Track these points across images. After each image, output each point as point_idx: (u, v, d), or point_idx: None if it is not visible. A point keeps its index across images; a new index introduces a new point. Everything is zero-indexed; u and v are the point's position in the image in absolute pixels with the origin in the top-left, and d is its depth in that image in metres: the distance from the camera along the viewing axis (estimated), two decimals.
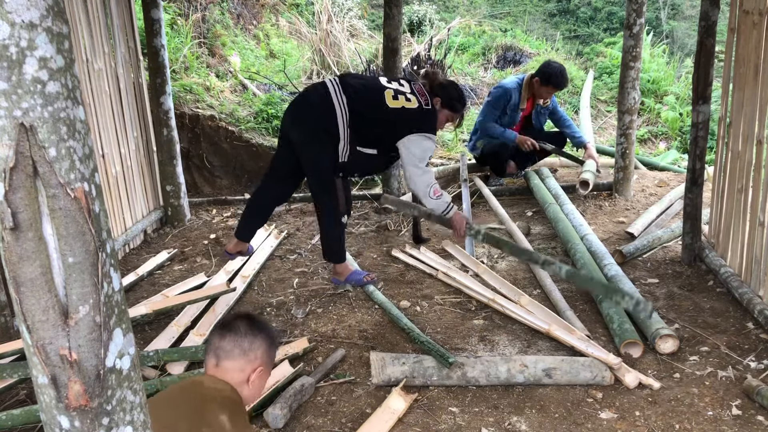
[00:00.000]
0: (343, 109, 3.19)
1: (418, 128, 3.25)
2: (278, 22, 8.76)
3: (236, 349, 1.70)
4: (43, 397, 1.25)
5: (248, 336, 1.72)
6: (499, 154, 5.01)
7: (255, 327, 1.76)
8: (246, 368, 1.71)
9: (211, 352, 1.73)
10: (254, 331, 1.74)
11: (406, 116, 3.24)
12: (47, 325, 1.20)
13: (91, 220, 1.22)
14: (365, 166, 3.39)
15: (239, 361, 1.70)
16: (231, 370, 1.70)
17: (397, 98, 3.26)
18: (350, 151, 3.25)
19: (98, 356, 1.25)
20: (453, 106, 3.39)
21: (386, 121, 3.24)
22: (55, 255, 1.19)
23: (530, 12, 13.74)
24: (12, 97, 1.11)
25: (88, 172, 1.23)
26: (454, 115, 3.45)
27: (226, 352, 1.70)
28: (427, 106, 3.30)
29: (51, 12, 1.13)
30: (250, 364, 1.71)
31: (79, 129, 1.22)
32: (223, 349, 1.70)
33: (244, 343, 1.71)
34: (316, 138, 3.22)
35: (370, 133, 3.27)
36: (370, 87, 3.30)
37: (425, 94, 3.33)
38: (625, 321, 2.85)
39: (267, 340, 1.76)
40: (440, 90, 3.36)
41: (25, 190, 1.15)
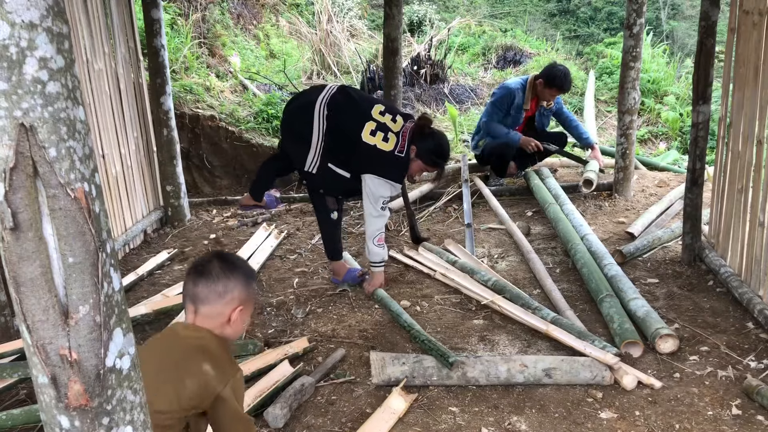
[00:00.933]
0: (321, 122, 3.17)
1: (381, 172, 3.17)
2: (278, 22, 8.76)
3: (211, 294, 1.67)
4: (43, 396, 1.25)
5: (221, 279, 1.68)
6: (503, 155, 5.00)
7: (227, 268, 1.70)
8: (225, 311, 1.68)
9: (187, 298, 1.69)
10: (227, 273, 1.69)
11: (375, 155, 3.15)
12: (47, 325, 1.20)
13: (91, 220, 1.22)
14: (333, 185, 3.31)
15: (217, 306, 1.67)
16: (210, 315, 1.67)
17: (374, 134, 3.16)
18: (320, 165, 3.21)
19: (98, 356, 1.25)
20: (426, 159, 3.23)
21: (357, 151, 3.17)
22: (55, 255, 1.19)
23: (530, 12, 13.74)
24: (12, 97, 1.11)
25: (88, 172, 1.23)
26: (429, 168, 3.30)
27: (202, 299, 1.67)
28: (400, 153, 3.18)
29: (51, 12, 1.13)
30: (228, 306, 1.68)
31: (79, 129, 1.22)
32: (198, 296, 1.67)
33: (219, 287, 1.67)
34: (295, 139, 3.27)
35: (342, 155, 3.20)
36: (356, 111, 3.21)
37: (405, 140, 3.20)
38: (625, 321, 2.86)
39: (242, 279, 1.71)
40: (419, 139, 3.21)
41: (25, 190, 1.15)
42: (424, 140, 3.22)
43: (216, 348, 1.67)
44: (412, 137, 3.21)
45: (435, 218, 4.64)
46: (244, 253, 4.01)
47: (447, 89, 7.81)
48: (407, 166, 3.24)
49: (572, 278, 3.55)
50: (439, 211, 4.78)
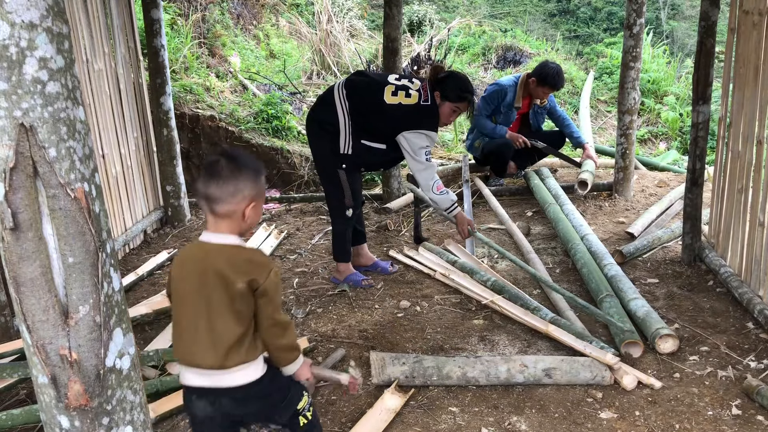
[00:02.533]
0: (343, 103, 3.27)
1: (413, 125, 3.24)
2: (278, 22, 8.76)
3: (224, 194, 1.74)
4: (43, 396, 1.25)
5: (231, 179, 1.74)
6: (502, 155, 5.00)
7: (235, 167, 1.76)
8: (238, 208, 1.76)
9: (202, 201, 1.77)
10: (235, 173, 1.75)
11: (402, 112, 3.25)
12: (47, 325, 1.20)
13: (91, 220, 1.22)
14: (372, 159, 3.40)
15: (230, 204, 1.75)
16: (226, 214, 1.76)
17: (396, 94, 3.27)
18: (354, 143, 3.29)
19: (98, 356, 1.26)
20: (452, 96, 3.30)
21: (385, 116, 3.26)
22: (55, 255, 1.19)
23: (530, 12, 13.75)
24: (12, 98, 1.11)
25: (88, 172, 1.23)
26: (459, 105, 3.34)
27: (215, 200, 1.75)
28: (426, 102, 3.28)
29: (51, 12, 1.13)
30: (241, 204, 1.76)
31: (79, 129, 1.22)
32: (211, 197, 1.75)
33: (229, 187, 1.74)
34: (315, 132, 3.38)
35: (372, 127, 3.30)
36: (373, 82, 3.34)
37: (426, 90, 3.32)
38: (625, 321, 2.85)
39: (251, 176, 1.77)
40: (438, 83, 3.32)
41: (25, 190, 1.15)
42: (444, 82, 3.31)
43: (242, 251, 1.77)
44: (432, 86, 3.32)
45: (435, 218, 4.64)
46: None
47: None
48: (437, 111, 3.31)
49: (572, 278, 3.55)
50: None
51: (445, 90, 3.30)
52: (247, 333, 1.74)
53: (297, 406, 1.88)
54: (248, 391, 1.77)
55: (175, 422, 2.41)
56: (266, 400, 1.82)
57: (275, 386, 1.83)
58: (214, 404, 1.77)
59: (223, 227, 1.78)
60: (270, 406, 1.85)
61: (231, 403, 1.78)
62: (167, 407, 2.42)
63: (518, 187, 5.09)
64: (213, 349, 1.70)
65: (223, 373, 1.72)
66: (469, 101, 3.34)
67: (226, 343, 1.70)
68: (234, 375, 1.73)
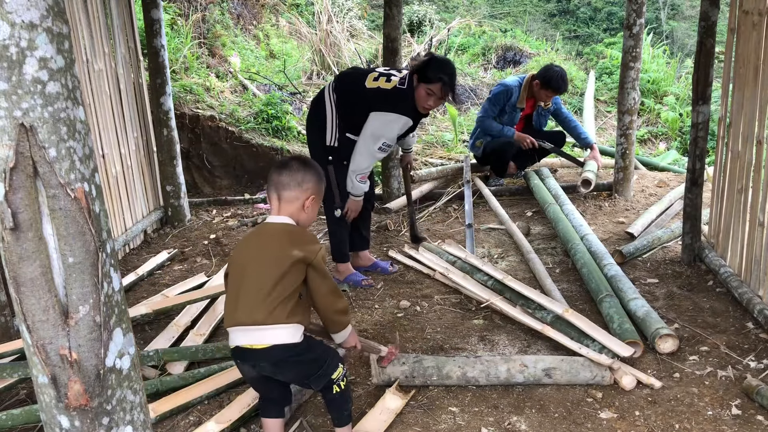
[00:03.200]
0: (331, 96, 3.32)
1: (383, 106, 3.21)
2: (278, 22, 8.76)
3: (292, 181, 2.07)
4: (43, 396, 1.25)
5: (301, 171, 2.08)
6: (503, 154, 5.00)
7: (305, 165, 2.12)
8: (301, 197, 2.07)
9: (272, 186, 2.09)
10: (305, 168, 2.10)
11: (378, 95, 3.24)
12: (47, 324, 1.20)
13: (91, 220, 1.22)
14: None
15: (296, 191, 2.07)
16: (290, 200, 2.07)
17: (377, 80, 3.28)
18: (339, 137, 3.31)
19: (98, 356, 1.26)
20: (426, 78, 3.20)
21: (364, 102, 3.25)
22: (55, 255, 1.19)
23: (530, 12, 13.75)
24: (12, 98, 1.11)
25: (88, 172, 1.23)
26: (432, 87, 3.21)
27: (284, 185, 2.07)
28: (401, 85, 3.25)
29: (51, 12, 1.13)
30: (304, 193, 2.08)
31: (79, 129, 1.22)
32: (281, 183, 2.07)
33: (298, 177, 2.07)
34: (309, 127, 3.47)
35: (354, 119, 3.30)
36: (359, 72, 3.39)
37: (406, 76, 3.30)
38: (625, 321, 2.85)
39: (316, 175, 2.13)
40: (418, 68, 3.26)
41: (26, 190, 1.15)
42: (423, 64, 3.26)
43: (299, 230, 2.08)
44: (412, 70, 3.30)
45: (435, 218, 4.64)
46: None
47: None
48: (410, 95, 3.26)
49: (572, 278, 3.55)
50: (439, 211, 4.78)
51: (422, 71, 3.24)
52: (291, 297, 1.97)
53: (332, 375, 2.06)
54: (284, 354, 1.96)
55: (175, 422, 2.41)
56: (301, 367, 2.02)
57: (311, 355, 2.03)
58: (255, 368, 2.02)
59: (285, 212, 2.07)
60: (305, 373, 2.04)
61: (269, 368, 2.00)
62: (167, 407, 2.42)
63: (518, 187, 5.09)
64: (261, 306, 1.94)
65: (264, 329, 1.94)
66: (444, 82, 3.22)
67: (273, 303, 1.94)
68: (273, 332, 1.95)
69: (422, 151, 6.33)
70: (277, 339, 1.95)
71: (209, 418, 2.38)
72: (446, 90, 3.26)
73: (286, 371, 2.03)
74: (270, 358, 1.98)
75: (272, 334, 1.95)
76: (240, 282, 2.01)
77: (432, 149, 6.47)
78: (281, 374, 2.05)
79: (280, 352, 1.96)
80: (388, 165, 4.84)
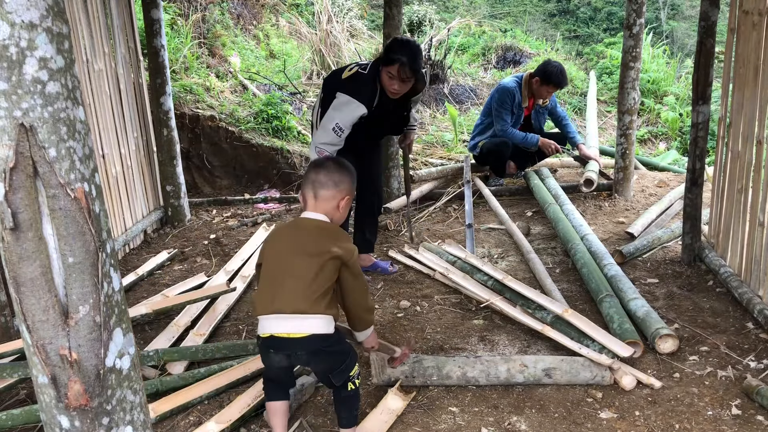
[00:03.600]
0: (320, 94, 3.44)
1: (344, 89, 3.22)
2: (278, 22, 8.76)
3: (329, 181, 2.16)
4: (43, 396, 1.25)
5: (338, 171, 2.19)
6: (500, 153, 5.00)
7: (341, 167, 2.23)
8: (337, 196, 2.17)
9: (308, 184, 2.18)
10: (341, 170, 2.21)
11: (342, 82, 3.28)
12: (47, 325, 1.20)
13: (91, 220, 1.22)
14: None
15: (332, 191, 2.16)
16: (326, 198, 2.16)
17: (351, 70, 3.32)
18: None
19: (98, 356, 1.26)
20: (384, 59, 3.17)
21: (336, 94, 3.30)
22: (55, 255, 1.19)
23: (530, 12, 13.75)
24: (12, 98, 1.11)
25: (88, 172, 1.23)
26: (390, 69, 3.16)
27: (321, 184, 2.16)
28: (363, 70, 3.27)
29: (51, 12, 1.13)
30: (340, 193, 2.18)
31: (79, 129, 1.22)
32: (319, 181, 2.16)
33: (335, 177, 2.18)
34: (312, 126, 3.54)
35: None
36: (343, 68, 3.43)
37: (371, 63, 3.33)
38: (625, 321, 2.85)
39: (351, 176, 2.24)
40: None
41: (25, 190, 1.15)
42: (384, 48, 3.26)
43: (335, 227, 2.18)
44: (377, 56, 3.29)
45: (435, 218, 4.64)
46: (244, 253, 4.01)
47: (447, 89, 7.82)
48: (368, 79, 3.23)
49: (572, 278, 3.55)
50: (439, 211, 4.78)
51: (383, 55, 3.24)
52: (329, 291, 2.07)
53: (350, 372, 2.13)
54: (321, 343, 2.04)
55: (175, 422, 2.41)
56: (333, 358, 2.10)
57: (341, 347, 2.12)
58: (290, 357, 2.08)
59: (320, 209, 2.16)
60: (333, 366, 2.11)
61: (306, 356, 2.07)
62: (167, 407, 2.42)
63: (518, 187, 5.09)
64: (303, 296, 2.02)
65: (305, 318, 2.02)
66: (401, 63, 3.13)
67: (314, 294, 2.02)
68: (314, 321, 2.03)
69: (422, 151, 6.33)
70: (316, 328, 2.03)
71: (209, 418, 2.38)
72: (404, 71, 3.16)
73: (319, 361, 2.11)
74: (308, 347, 2.05)
75: (312, 324, 2.03)
76: (277, 273, 2.09)
77: (432, 149, 6.47)
78: (314, 363, 2.13)
79: (317, 342, 2.04)
80: (388, 165, 4.84)
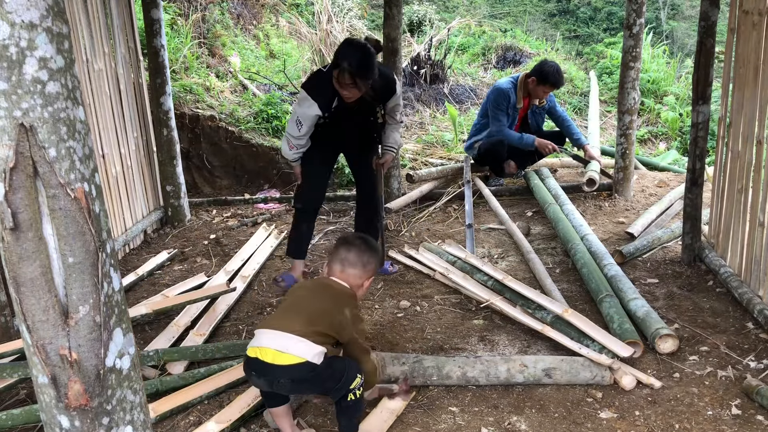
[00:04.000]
0: None
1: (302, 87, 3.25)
2: (278, 22, 8.76)
3: (358, 262, 2.29)
4: (43, 396, 1.25)
5: (367, 253, 2.32)
6: (496, 153, 5.00)
7: (372, 247, 2.36)
8: (363, 276, 2.30)
9: (337, 260, 2.30)
10: (371, 251, 2.34)
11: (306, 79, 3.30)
12: (47, 325, 1.20)
13: (91, 220, 1.22)
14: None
15: (359, 270, 2.29)
16: (353, 276, 2.28)
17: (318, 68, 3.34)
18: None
19: (98, 356, 1.26)
20: (333, 63, 3.10)
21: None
22: (55, 255, 1.19)
23: (530, 12, 13.75)
24: (12, 98, 1.11)
25: (88, 172, 1.23)
26: (336, 73, 3.07)
27: (350, 263, 2.29)
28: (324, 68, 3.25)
29: (51, 12, 1.13)
30: (366, 274, 2.31)
31: (79, 129, 1.22)
32: (348, 260, 2.29)
33: (364, 258, 2.30)
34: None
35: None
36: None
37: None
38: (625, 321, 2.85)
39: (378, 258, 2.38)
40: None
41: (25, 190, 1.15)
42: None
43: (354, 299, 2.27)
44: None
45: (435, 218, 4.64)
46: (244, 253, 4.01)
47: (447, 89, 7.82)
48: (329, 80, 3.13)
49: (572, 278, 3.55)
50: (439, 211, 4.78)
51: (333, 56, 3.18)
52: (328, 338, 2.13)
53: (350, 386, 2.14)
54: (305, 373, 2.06)
55: (175, 422, 2.41)
56: (321, 384, 2.12)
57: (329, 372, 2.11)
58: (272, 384, 2.11)
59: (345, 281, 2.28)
60: (324, 388, 2.14)
61: (289, 385, 2.10)
62: (167, 407, 2.42)
63: (518, 187, 5.09)
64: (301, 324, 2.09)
65: (294, 339, 2.05)
66: (341, 69, 3.02)
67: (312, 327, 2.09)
68: (301, 345, 2.05)
69: (422, 151, 6.33)
70: (302, 353, 2.05)
71: (209, 418, 2.38)
72: (343, 77, 3.03)
73: (305, 389, 2.18)
74: (291, 375, 2.06)
75: (299, 347, 2.05)
76: (288, 306, 2.22)
77: (432, 149, 6.46)
78: (298, 390, 2.18)
79: (300, 372, 2.06)
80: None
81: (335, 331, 2.14)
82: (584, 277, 3.41)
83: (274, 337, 2.08)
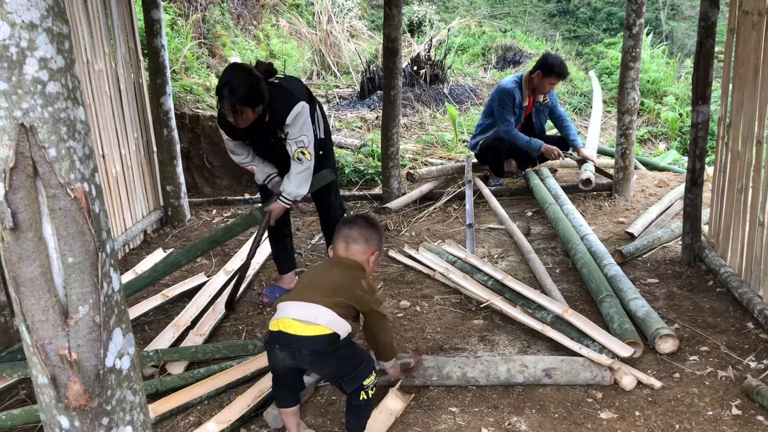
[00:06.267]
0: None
1: None
2: (278, 22, 8.76)
3: (361, 237, 2.32)
4: (43, 397, 1.25)
5: (369, 229, 2.35)
6: (497, 151, 4.99)
7: (374, 223, 2.40)
8: (367, 251, 2.32)
9: (341, 238, 2.33)
10: (373, 227, 2.37)
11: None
12: (47, 325, 1.20)
13: (91, 220, 1.22)
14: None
15: (363, 246, 2.31)
16: (358, 251, 2.31)
17: None
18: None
19: (98, 356, 1.26)
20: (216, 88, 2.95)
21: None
22: (55, 255, 1.19)
23: (530, 12, 13.75)
24: (12, 98, 1.11)
25: (88, 172, 1.23)
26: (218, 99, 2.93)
27: (354, 239, 2.31)
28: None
29: (51, 12, 1.13)
30: (370, 249, 2.33)
31: (79, 129, 1.22)
32: (351, 237, 2.31)
33: (367, 233, 2.33)
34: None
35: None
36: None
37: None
38: (625, 321, 2.85)
39: (380, 234, 2.39)
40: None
41: (25, 190, 1.15)
42: None
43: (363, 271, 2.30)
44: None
45: (435, 218, 4.64)
46: (244, 253, 4.01)
47: (447, 89, 7.82)
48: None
49: (572, 278, 3.55)
50: (439, 210, 4.78)
51: None
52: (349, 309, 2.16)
53: (364, 381, 2.14)
54: (328, 345, 2.07)
55: (175, 422, 2.41)
56: (340, 363, 2.12)
57: (351, 352, 2.15)
58: (294, 357, 2.09)
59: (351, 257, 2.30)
60: (340, 371, 2.13)
61: (309, 357, 2.08)
62: (167, 407, 2.42)
63: (518, 187, 5.09)
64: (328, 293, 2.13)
65: (324, 310, 2.08)
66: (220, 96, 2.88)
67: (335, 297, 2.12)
68: (329, 315, 2.08)
69: (422, 151, 6.33)
70: (327, 323, 2.07)
71: (209, 418, 2.38)
72: (225, 104, 2.86)
73: (324, 365, 2.13)
74: (313, 347, 2.06)
75: (326, 316, 2.08)
76: (308, 282, 2.25)
77: (432, 149, 6.47)
78: (319, 366, 2.15)
79: (323, 343, 2.07)
80: (388, 165, 4.84)
81: (356, 302, 2.17)
82: (584, 277, 3.41)
83: (300, 307, 2.11)
